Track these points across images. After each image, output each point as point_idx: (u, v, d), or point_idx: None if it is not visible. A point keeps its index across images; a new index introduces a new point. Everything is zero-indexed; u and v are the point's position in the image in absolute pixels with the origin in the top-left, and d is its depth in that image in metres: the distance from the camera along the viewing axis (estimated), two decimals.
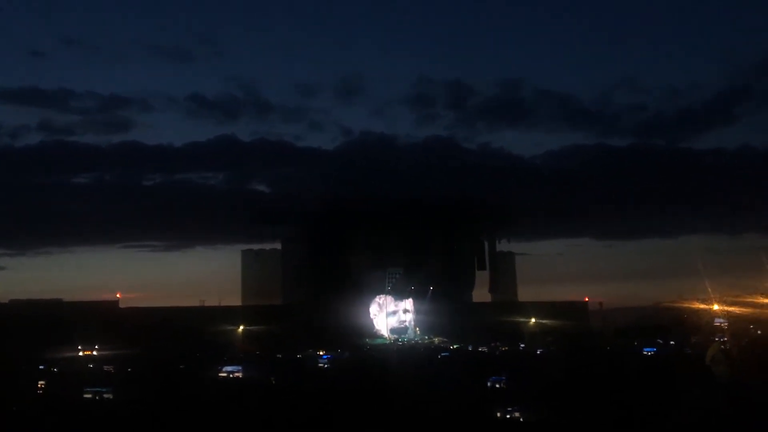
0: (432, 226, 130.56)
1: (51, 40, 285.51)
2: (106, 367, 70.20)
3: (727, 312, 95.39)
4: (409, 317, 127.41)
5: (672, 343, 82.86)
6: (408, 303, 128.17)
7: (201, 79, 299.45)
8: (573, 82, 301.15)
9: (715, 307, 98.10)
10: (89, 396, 34.17)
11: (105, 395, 34.10)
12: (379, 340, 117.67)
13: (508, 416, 31.31)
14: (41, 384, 42.88)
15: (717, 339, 75.47)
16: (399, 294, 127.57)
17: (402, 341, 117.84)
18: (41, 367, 57.78)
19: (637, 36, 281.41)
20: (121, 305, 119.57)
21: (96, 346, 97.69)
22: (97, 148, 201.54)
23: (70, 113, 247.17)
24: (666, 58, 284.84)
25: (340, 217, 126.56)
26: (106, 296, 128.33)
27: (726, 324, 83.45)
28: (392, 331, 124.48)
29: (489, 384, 40.69)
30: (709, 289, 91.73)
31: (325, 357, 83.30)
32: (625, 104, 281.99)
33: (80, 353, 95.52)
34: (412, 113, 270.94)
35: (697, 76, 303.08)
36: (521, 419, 30.52)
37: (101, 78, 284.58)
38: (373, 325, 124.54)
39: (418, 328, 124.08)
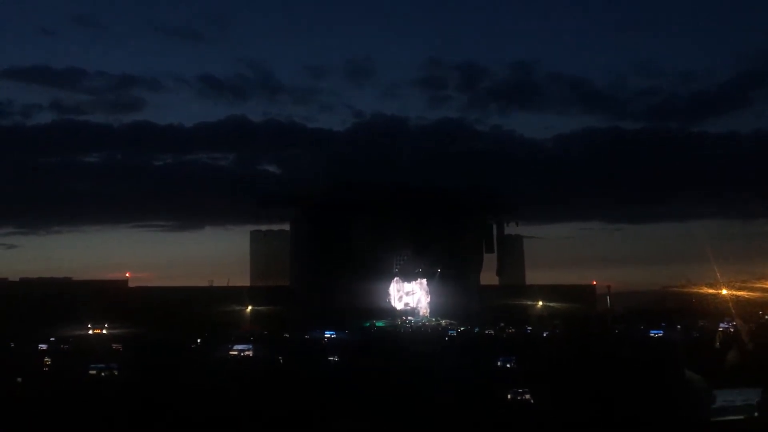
0: (440, 209, 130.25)
1: (63, 19, 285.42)
2: (114, 345, 70.88)
3: (735, 296, 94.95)
4: (416, 299, 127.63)
5: (678, 327, 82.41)
6: (415, 285, 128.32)
7: (212, 60, 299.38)
8: (586, 65, 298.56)
9: (724, 291, 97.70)
10: (94, 372, 34.41)
11: (110, 372, 34.32)
12: (385, 322, 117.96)
13: (518, 398, 31.30)
14: (47, 361, 43.23)
15: (727, 323, 75.21)
16: (407, 276, 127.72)
17: (409, 323, 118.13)
18: (45, 345, 58.10)
19: (652, 20, 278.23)
20: (131, 285, 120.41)
21: (105, 325, 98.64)
22: (107, 127, 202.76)
23: (81, 92, 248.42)
24: (680, 42, 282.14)
25: (348, 199, 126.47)
26: (115, 276, 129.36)
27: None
28: (399, 312, 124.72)
29: (499, 363, 41.09)
30: (718, 274, 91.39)
31: (329, 333, 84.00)
32: (638, 88, 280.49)
33: (90, 331, 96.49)
34: (423, 95, 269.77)
35: (711, 61, 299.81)
36: (531, 401, 30.36)
37: (112, 57, 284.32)
38: (380, 306, 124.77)
39: (425, 310, 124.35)
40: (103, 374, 34.35)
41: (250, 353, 48.28)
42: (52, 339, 65.61)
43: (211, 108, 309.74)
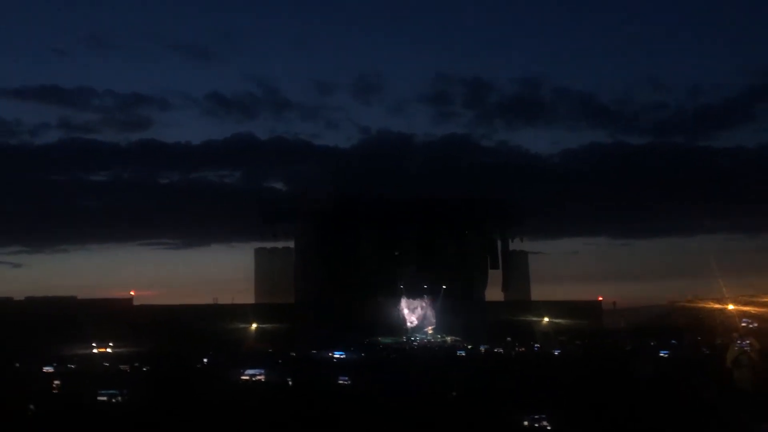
0: (445, 225, 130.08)
1: (73, 39, 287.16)
2: (122, 366, 70.38)
3: (743, 312, 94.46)
4: (421, 316, 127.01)
5: (689, 344, 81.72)
6: (421, 302, 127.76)
7: (220, 77, 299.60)
8: (593, 80, 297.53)
9: (730, 307, 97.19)
10: (104, 399, 33.99)
11: (119, 398, 33.91)
12: (392, 339, 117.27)
13: (536, 425, 27.15)
14: (56, 383, 42.82)
15: (739, 341, 74.41)
16: (412, 293, 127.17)
17: (415, 340, 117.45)
18: (51, 366, 57.56)
19: (659, 35, 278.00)
20: (135, 303, 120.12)
21: (110, 344, 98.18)
22: (115, 146, 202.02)
23: (89, 111, 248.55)
24: (687, 57, 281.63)
25: (353, 215, 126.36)
26: (120, 294, 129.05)
27: (755, 324, 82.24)
28: (405, 330, 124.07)
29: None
30: (724, 289, 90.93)
31: (338, 354, 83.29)
32: (645, 102, 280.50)
33: (95, 350, 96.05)
34: (430, 111, 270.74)
35: (718, 75, 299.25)
36: (548, 428, 28.27)
37: (121, 76, 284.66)
38: (385, 323, 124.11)
39: (430, 328, 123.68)
40: (113, 400, 33.92)
41: (263, 378, 47.47)
42: (55, 361, 64.94)
43: (218, 126, 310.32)
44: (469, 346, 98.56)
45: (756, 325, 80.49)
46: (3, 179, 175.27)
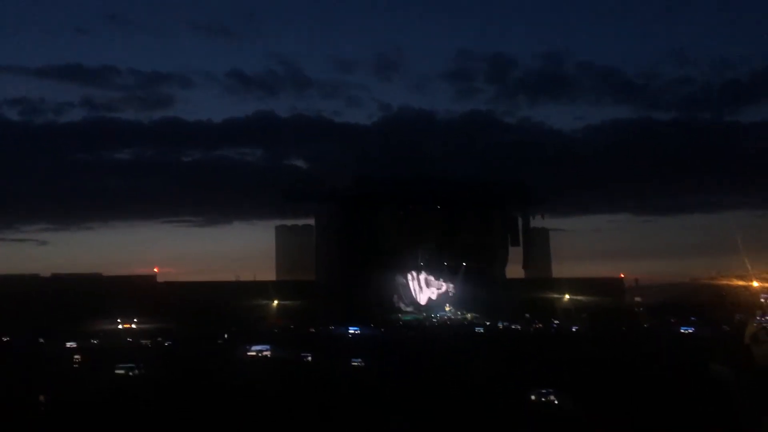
0: (466, 203, 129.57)
1: (96, 18, 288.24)
2: (143, 341, 71.71)
3: (766, 288, 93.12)
4: (442, 293, 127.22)
5: (709, 321, 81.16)
6: (441, 279, 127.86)
7: (241, 56, 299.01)
8: (617, 54, 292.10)
9: (755, 284, 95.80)
10: (121, 372, 34.74)
11: (135, 371, 34.62)
12: (411, 317, 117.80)
13: (543, 399, 28.78)
14: (77, 358, 43.76)
15: (759, 318, 73.68)
16: (432, 270, 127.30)
17: (435, 317, 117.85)
18: (74, 342, 58.71)
19: (684, 8, 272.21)
20: (159, 279, 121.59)
21: (134, 320, 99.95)
22: (138, 124, 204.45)
23: (112, 90, 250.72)
24: (713, 30, 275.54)
25: (374, 193, 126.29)
26: (144, 271, 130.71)
27: None
28: (425, 307, 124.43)
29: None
30: (749, 266, 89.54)
31: (352, 329, 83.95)
32: (671, 77, 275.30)
33: (120, 326, 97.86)
34: (451, 88, 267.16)
35: (744, 48, 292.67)
36: (556, 402, 27.89)
37: (143, 55, 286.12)
38: (405, 300, 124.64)
39: (449, 305, 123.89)
40: (130, 374, 34.68)
41: (269, 353, 47.92)
42: (79, 337, 66.29)
43: (239, 104, 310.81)
44: (488, 323, 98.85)
45: None
46: (28, 158, 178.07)
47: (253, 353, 48.13)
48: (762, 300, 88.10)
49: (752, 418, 24.58)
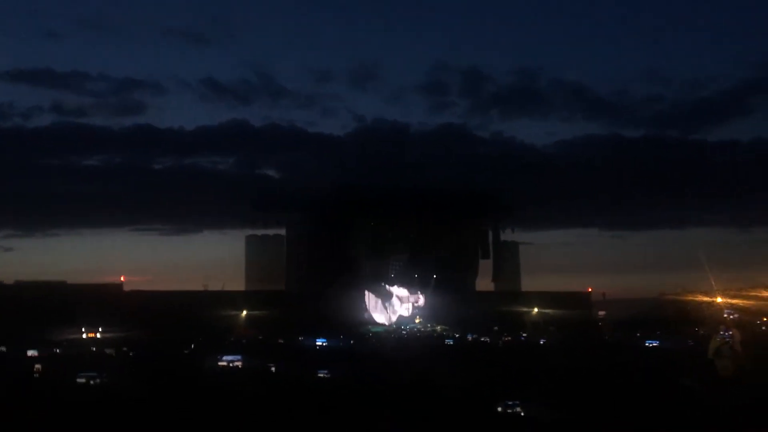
0: (437, 215, 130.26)
1: (67, 22, 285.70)
2: (107, 350, 70.48)
3: (731, 304, 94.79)
4: (411, 305, 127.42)
5: (674, 336, 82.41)
6: (411, 291, 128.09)
7: (215, 63, 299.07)
8: (590, 72, 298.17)
9: (718, 299, 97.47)
10: (83, 381, 34.08)
11: (97, 380, 33.99)
12: (380, 329, 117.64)
13: (509, 411, 29.19)
14: (37, 367, 42.90)
15: (722, 332, 74.95)
16: (402, 282, 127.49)
17: (404, 329, 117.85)
18: (35, 350, 57.58)
19: (656, 27, 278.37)
20: (126, 288, 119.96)
21: (99, 329, 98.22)
22: (108, 130, 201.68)
23: (83, 95, 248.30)
24: (684, 50, 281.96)
25: (345, 204, 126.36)
26: (111, 279, 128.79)
27: (736, 315, 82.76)
28: (395, 319, 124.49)
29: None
30: (713, 281, 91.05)
31: (320, 341, 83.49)
32: (641, 95, 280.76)
33: (84, 335, 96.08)
34: (426, 101, 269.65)
35: (715, 68, 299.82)
36: (522, 414, 28.91)
37: (116, 60, 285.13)
38: (375, 312, 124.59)
39: (419, 317, 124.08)
40: (91, 382, 34.03)
41: (240, 364, 47.39)
42: (41, 345, 64.99)
43: (212, 112, 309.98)
44: (457, 335, 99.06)
45: (737, 316, 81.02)
46: None
47: (224, 363, 47.52)
48: (725, 316, 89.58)
49: (720, 421, 25.15)
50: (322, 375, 41.84)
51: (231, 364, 47.01)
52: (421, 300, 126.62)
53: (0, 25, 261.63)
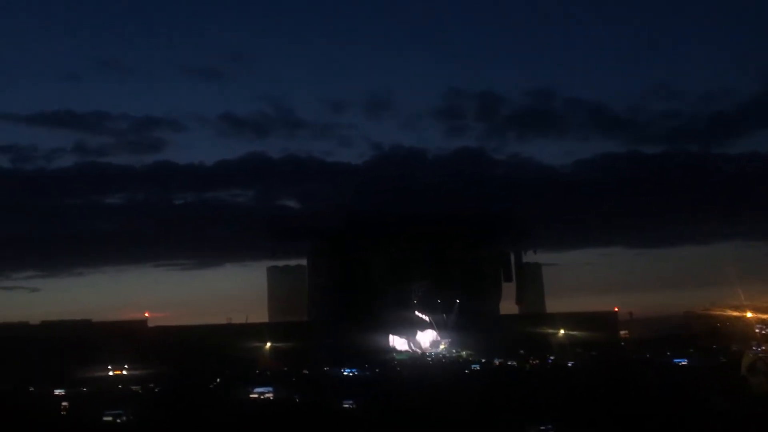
0: (458, 239, 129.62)
1: (87, 64, 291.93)
2: (134, 387, 70.62)
3: (761, 319, 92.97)
4: (435, 331, 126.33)
5: (705, 353, 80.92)
6: (434, 316, 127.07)
7: (232, 98, 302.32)
8: (604, 90, 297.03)
9: (749, 314, 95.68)
10: (109, 419, 34.10)
11: (123, 418, 34.02)
12: (405, 356, 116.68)
13: None
14: (64, 405, 43.03)
15: (755, 348, 73.38)
16: (425, 308, 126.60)
17: (429, 356, 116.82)
18: (62, 389, 57.83)
19: (669, 42, 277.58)
20: (150, 324, 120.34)
21: (125, 366, 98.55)
22: (129, 168, 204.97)
23: (104, 135, 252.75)
24: (698, 63, 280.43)
25: (365, 232, 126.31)
26: (135, 315, 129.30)
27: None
28: (418, 345, 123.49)
29: None
30: (742, 296, 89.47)
31: (347, 371, 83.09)
32: (657, 111, 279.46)
33: (110, 372, 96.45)
34: (442, 125, 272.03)
35: (730, 81, 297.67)
36: None
37: (135, 100, 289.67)
38: (399, 339, 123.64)
39: (444, 343, 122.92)
40: (117, 420, 34.04)
41: (271, 396, 47.43)
42: (68, 383, 65.35)
43: (231, 146, 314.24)
44: (483, 360, 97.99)
45: None
46: (19, 204, 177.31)
47: (255, 395, 47.77)
48: (756, 330, 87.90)
49: None
50: (347, 405, 41.64)
51: (261, 396, 47.19)
52: (445, 325, 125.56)
53: (21, 70, 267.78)
